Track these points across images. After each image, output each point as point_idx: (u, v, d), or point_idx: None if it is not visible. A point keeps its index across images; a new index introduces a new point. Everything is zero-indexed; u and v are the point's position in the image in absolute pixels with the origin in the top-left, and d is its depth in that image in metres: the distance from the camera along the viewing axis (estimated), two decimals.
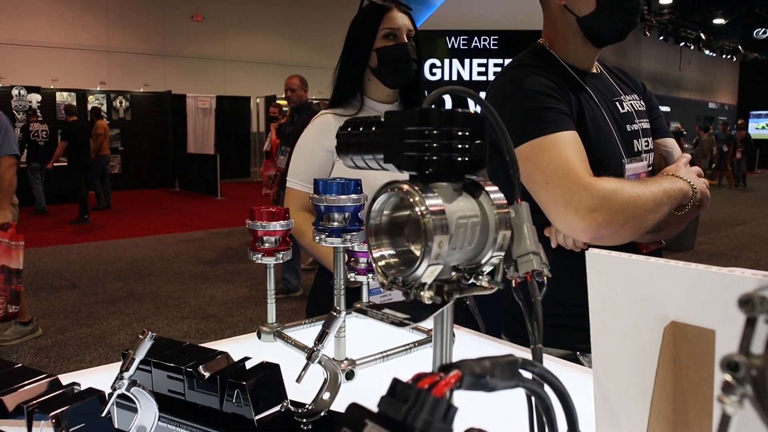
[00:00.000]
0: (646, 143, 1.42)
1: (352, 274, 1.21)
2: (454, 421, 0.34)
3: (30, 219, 9.87)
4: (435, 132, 0.55)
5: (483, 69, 4.09)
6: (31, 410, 0.69)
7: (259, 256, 1.11)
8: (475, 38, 4.12)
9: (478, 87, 4.06)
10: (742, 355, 0.28)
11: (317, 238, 0.97)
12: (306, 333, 1.18)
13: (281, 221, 1.10)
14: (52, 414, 0.67)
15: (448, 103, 3.66)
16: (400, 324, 0.53)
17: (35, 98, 13.60)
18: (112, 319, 4.91)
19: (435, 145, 0.55)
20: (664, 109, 23.34)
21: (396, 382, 0.35)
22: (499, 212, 0.57)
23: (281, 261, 1.13)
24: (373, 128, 0.61)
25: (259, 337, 1.19)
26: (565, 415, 0.45)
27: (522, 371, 0.41)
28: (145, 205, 12.30)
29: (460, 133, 0.56)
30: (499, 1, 4.13)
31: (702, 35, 22.67)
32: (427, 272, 0.53)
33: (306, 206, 1.74)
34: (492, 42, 4.10)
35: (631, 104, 1.43)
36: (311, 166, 1.79)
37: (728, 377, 0.28)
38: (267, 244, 1.11)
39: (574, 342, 1.31)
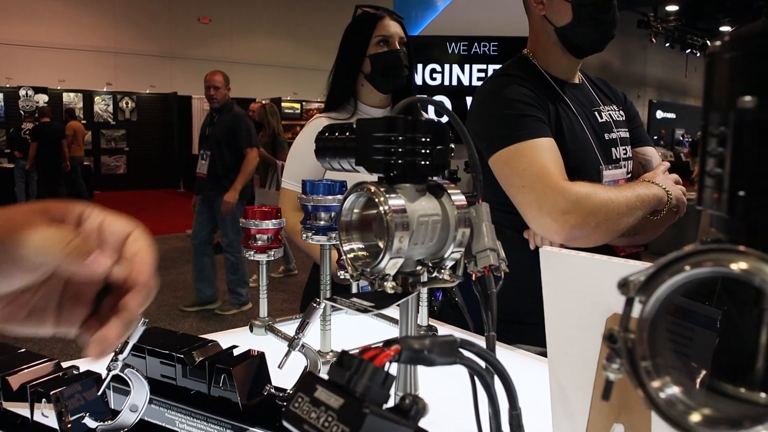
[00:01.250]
0: (625, 151, 1.48)
1: (342, 272, 1.26)
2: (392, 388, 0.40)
3: None
4: (400, 138, 0.61)
5: (483, 75, 4.14)
6: (33, 389, 0.75)
7: (252, 253, 1.17)
8: (476, 44, 4.17)
9: None
10: (620, 330, 0.34)
11: (305, 235, 1.03)
12: (294, 329, 1.24)
13: (273, 220, 1.16)
14: (52, 393, 0.73)
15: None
16: (365, 310, 0.58)
17: (42, 99, 13.70)
18: None
19: (400, 150, 0.61)
20: (670, 115, 23.33)
21: (343, 354, 0.40)
22: (459, 212, 0.63)
23: (273, 258, 1.19)
24: (347, 134, 0.67)
25: (251, 331, 1.25)
26: (506, 391, 0.51)
27: (462, 350, 0.47)
28: (150, 205, 12.38)
29: (423, 139, 0.62)
30: (499, 8, 4.18)
31: (708, 42, 22.65)
32: (390, 264, 0.59)
33: (300, 206, 1.80)
34: (492, 48, 4.16)
35: (609, 114, 1.49)
36: (305, 168, 1.85)
37: (607, 346, 0.34)
38: (260, 242, 1.17)
39: None
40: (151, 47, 15.80)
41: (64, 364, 0.84)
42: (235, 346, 0.89)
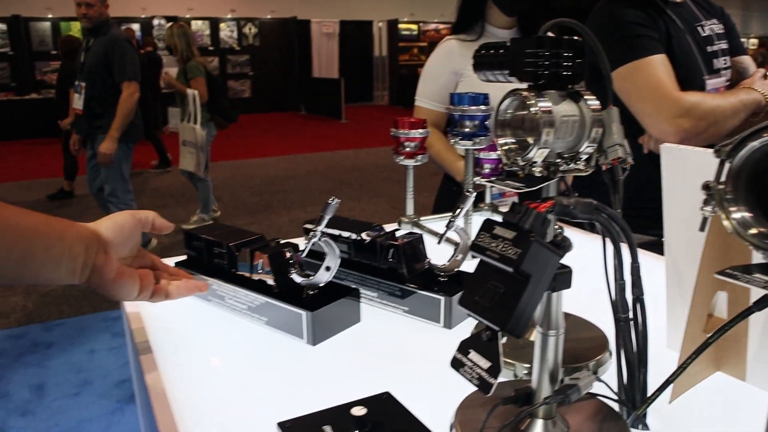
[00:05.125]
0: (725, 62, 1.62)
1: (477, 178, 1.43)
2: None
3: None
4: (547, 53, 0.76)
5: None
6: (252, 251, 0.98)
7: (402, 158, 1.36)
8: None
9: None
10: (714, 182, 0.49)
11: (452, 141, 1.20)
12: (435, 226, 1.42)
13: (420, 129, 1.34)
14: (270, 254, 0.96)
15: None
16: (517, 188, 0.75)
17: None
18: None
19: (546, 63, 0.76)
20: None
21: (514, 204, 0.58)
22: (594, 114, 0.78)
23: (420, 163, 1.37)
24: (501, 51, 0.82)
25: (399, 226, 1.46)
26: (629, 247, 0.66)
27: (596, 211, 0.63)
28: (275, 127, 12.98)
29: (565, 54, 0.77)
30: None
31: None
32: (538, 154, 0.75)
33: (432, 122, 1.97)
34: None
35: (711, 28, 1.62)
36: (436, 85, 2.01)
37: (704, 194, 0.49)
38: (408, 149, 1.35)
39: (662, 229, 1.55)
40: None
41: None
42: (398, 228, 1.09)
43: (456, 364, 0.61)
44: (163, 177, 7.79)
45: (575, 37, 0.80)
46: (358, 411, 0.57)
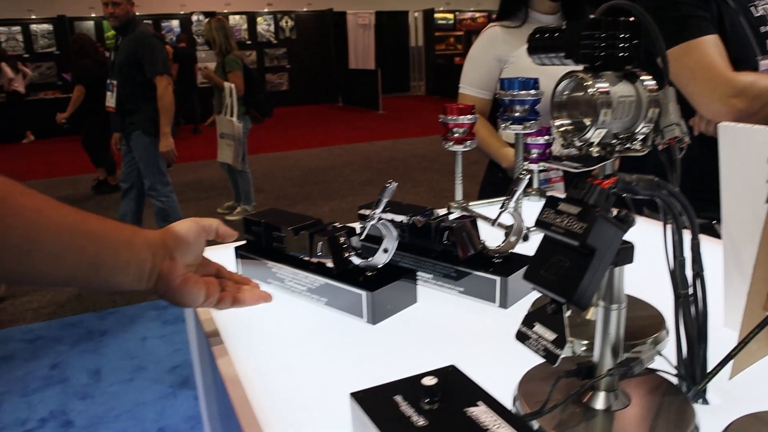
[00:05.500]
0: None
1: (525, 163, 1.44)
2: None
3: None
4: (603, 35, 0.77)
5: None
6: (311, 235, 1.02)
7: (450, 144, 1.37)
8: None
9: None
10: None
11: (503, 125, 1.21)
12: (483, 211, 1.44)
13: (468, 116, 1.35)
14: (328, 237, 0.99)
15: None
16: (576, 168, 0.77)
17: None
18: None
19: (603, 44, 0.77)
20: None
21: (578, 180, 0.60)
22: (650, 94, 0.79)
23: (468, 149, 1.38)
24: (556, 34, 0.83)
25: (449, 211, 1.48)
26: (689, 223, 0.67)
27: (658, 188, 0.64)
28: (313, 119, 13.07)
29: (621, 36, 0.78)
30: None
31: None
32: (595, 134, 0.76)
33: (477, 109, 1.98)
34: None
35: (764, 8, 1.61)
36: (481, 72, 2.02)
37: None
38: (456, 134, 1.37)
39: (711, 211, 1.54)
40: None
41: None
42: (450, 212, 1.12)
43: (521, 336, 0.63)
44: (205, 169, 7.93)
45: (630, 19, 0.81)
46: (429, 381, 0.60)
